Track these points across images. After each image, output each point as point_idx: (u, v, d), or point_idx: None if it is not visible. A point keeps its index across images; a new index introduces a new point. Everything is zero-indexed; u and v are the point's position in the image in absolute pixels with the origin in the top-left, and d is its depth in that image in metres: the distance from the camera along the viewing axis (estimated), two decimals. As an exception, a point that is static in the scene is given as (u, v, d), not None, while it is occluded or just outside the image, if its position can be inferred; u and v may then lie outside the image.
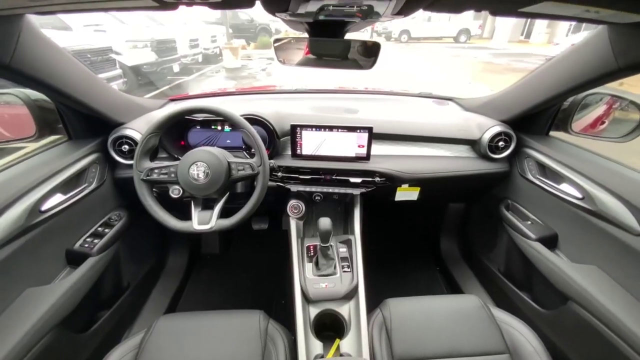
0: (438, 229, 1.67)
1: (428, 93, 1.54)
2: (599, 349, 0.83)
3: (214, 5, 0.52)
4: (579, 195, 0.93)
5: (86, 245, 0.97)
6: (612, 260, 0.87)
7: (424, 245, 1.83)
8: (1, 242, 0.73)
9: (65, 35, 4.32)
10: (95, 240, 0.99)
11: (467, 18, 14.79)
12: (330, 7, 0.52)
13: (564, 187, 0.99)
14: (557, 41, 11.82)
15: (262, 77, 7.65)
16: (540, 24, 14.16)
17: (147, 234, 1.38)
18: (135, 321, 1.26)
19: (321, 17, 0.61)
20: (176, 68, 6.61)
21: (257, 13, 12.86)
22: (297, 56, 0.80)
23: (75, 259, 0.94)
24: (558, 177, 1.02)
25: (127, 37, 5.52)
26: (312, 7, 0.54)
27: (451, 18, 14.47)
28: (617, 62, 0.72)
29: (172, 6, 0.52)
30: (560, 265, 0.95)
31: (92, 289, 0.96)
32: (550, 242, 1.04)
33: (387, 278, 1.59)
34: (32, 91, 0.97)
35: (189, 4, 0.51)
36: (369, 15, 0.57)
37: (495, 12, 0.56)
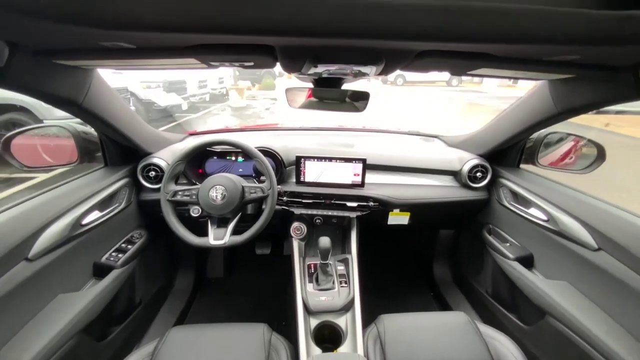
0: (431, 255, 1.78)
1: (416, 131, 1.75)
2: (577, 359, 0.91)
3: (246, 67, 0.71)
4: (545, 218, 1.08)
5: (111, 259, 1.09)
6: (578, 275, 0.99)
7: (418, 270, 1.92)
8: (49, 248, 0.86)
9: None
10: (120, 255, 1.11)
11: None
12: (331, 70, 0.71)
13: (532, 211, 1.14)
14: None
15: (265, 116, 8.10)
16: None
17: (159, 256, 1.49)
18: (146, 334, 1.33)
19: (324, 75, 0.80)
20: (184, 106, 7.05)
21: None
22: (303, 100, 0.99)
23: (100, 271, 1.06)
24: (527, 203, 1.17)
25: (142, 78, 5.99)
26: (318, 70, 0.73)
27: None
28: (557, 108, 0.92)
29: (215, 66, 0.71)
30: (536, 282, 1.07)
31: (112, 300, 1.06)
32: (527, 261, 1.16)
33: (383, 301, 1.66)
34: (77, 124, 1.16)
35: (228, 66, 0.71)
36: (358, 75, 0.77)
37: (452, 73, 0.76)
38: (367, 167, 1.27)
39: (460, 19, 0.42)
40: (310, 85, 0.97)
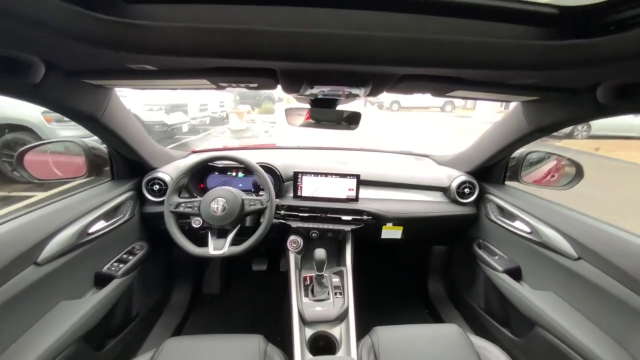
0: (425, 271, 1.81)
1: (408, 151, 1.84)
2: None
3: (250, 88, 0.80)
4: (528, 230, 1.14)
5: (112, 269, 1.12)
6: (562, 285, 1.03)
7: (412, 286, 1.94)
8: (57, 254, 0.90)
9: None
10: (121, 265, 1.15)
11: (451, 91, 16.53)
12: (325, 91, 0.80)
13: (517, 224, 1.20)
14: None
15: (264, 138, 8.29)
16: (516, 98, 15.79)
17: (157, 270, 1.52)
18: (141, 347, 1.32)
19: (320, 97, 0.89)
20: (185, 128, 7.23)
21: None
22: (301, 120, 1.08)
23: (101, 280, 1.09)
24: (512, 217, 1.23)
25: (145, 101, 6.19)
26: (314, 91, 0.83)
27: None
28: (530, 127, 1.01)
29: (223, 87, 0.80)
30: (524, 293, 1.11)
31: (111, 310, 1.08)
32: (516, 273, 1.20)
33: (377, 315, 1.67)
34: (88, 140, 1.23)
35: (235, 87, 0.79)
36: (350, 96, 0.86)
37: (433, 95, 0.86)
38: (361, 182, 1.35)
39: (432, 49, 0.51)
40: (308, 106, 1.07)
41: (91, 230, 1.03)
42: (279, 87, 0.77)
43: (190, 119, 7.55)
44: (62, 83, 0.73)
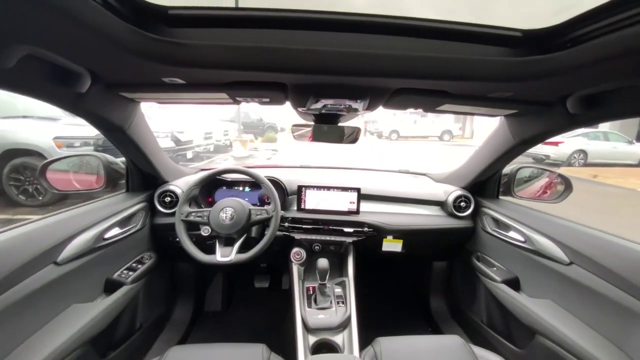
0: (427, 288, 1.82)
1: (406, 170, 1.93)
2: None
3: (263, 103, 0.91)
4: (522, 239, 1.19)
5: (122, 276, 1.16)
6: (558, 291, 1.06)
7: (414, 303, 1.93)
8: (75, 256, 0.95)
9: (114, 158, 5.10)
10: (130, 273, 1.18)
11: (449, 121, 17.07)
12: (328, 105, 0.91)
13: (512, 234, 1.25)
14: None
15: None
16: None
17: (162, 283, 1.54)
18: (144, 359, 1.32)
19: (323, 111, 1.00)
20: (189, 155, 7.43)
21: (266, 114, 14.95)
22: (306, 135, 1.18)
23: (111, 287, 1.12)
24: (507, 227, 1.29)
25: (152, 129, 6.43)
26: (319, 105, 0.93)
27: (435, 121, 16.72)
28: (514, 140, 1.10)
29: (239, 102, 0.90)
30: (523, 301, 1.13)
31: (117, 317, 1.11)
32: (514, 283, 1.23)
33: (380, 331, 1.65)
34: (107, 155, 1.33)
35: (249, 101, 0.90)
36: (350, 110, 0.96)
37: (425, 110, 0.96)
38: (362, 197, 1.41)
39: (420, 64, 0.61)
40: (311, 123, 1.17)
41: (106, 235, 1.09)
42: (288, 103, 0.87)
43: (195, 145, 7.78)
44: (101, 95, 0.84)
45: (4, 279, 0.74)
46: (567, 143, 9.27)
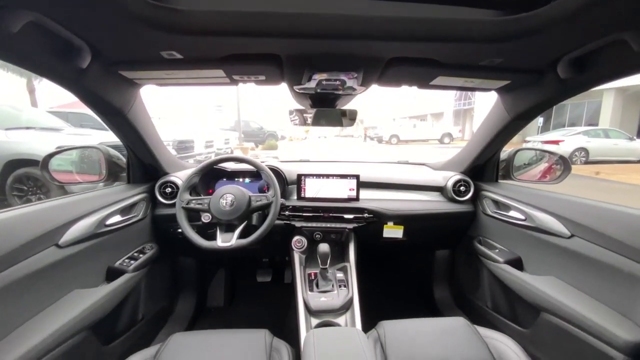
0: (430, 278, 1.80)
1: (405, 161, 1.93)
2: (576, 350, 0.92)
3: (259, 83, 0.92)
4: (523, 217, 1.19)
5: (124, 264, 1.16)
6: (561, 266, 1.05)
7: (417, 294, 1.91)
8: (77, 239, 0.96)
9: (107, 134, 5.16)
10: (132, 262, 1.19)
11: (448, 124, 17.16)
12: (323, 82, 0.92)
13: (512, 213, 1.25)
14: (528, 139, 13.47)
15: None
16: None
17: (164, 275, 1.54)
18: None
19: (319, 90, 1.01)
20: (190, 162, 7.50)
21: (266, 122, 15.11)
22: (303, 121, 1.19)
23: (113, 275, 1.12)
24: (507, 207, 1.28)
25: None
26: (313, 84, 0.94)
27: (434, 124, 16.80)
28: (509, 115, 1.11)
29: (236, 82, 0.92)
30: (526, 279, 1.12)
31: (119, 305, 1.11)
32: (517, 263, 1.22)
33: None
34: (110, 148, 1.35)
35: (245, 82, 0.92)
36: (346, 88, 0.97)
37: (419, 87, 0.97)
38: (362, 184, 1.42)
39: (410, 26, 0.63)
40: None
41: (108, 222, 1.09)
42: (284, 85, 0.89)
43: (196, 154, 7.84)
44: (101, 74, 0.85)
45: (3, 256, 0.75)
46: (567, 142, 9.28)
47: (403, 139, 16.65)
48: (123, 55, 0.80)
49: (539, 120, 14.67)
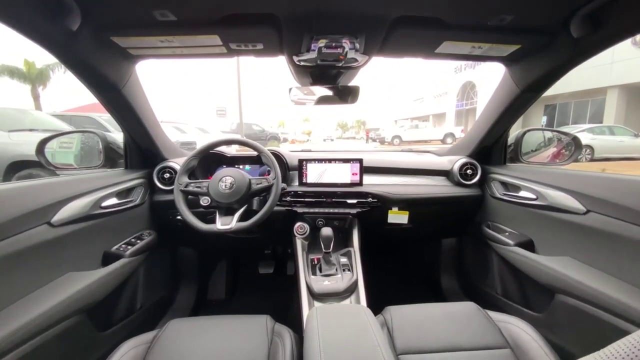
0: (437, 268, 1.75)
1: (409, 149, 1.89)
2: (595, 331, 0.87)
3: (258, 53, 0.89)
4: (534, 197, 1.14)
5: (121, 249, 1.13)
6: (575, 244, 1.00)
7: (424, 284, 1.86)
8: (70, 219, 0.92)
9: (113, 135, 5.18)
10: (129, 247, 1.15)
11: (450, 125, 17.09)
12: (323, 50, 0.88)
13: (522, 193, 1.20)
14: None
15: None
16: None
17: (163, 265, 1.50)
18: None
19: (319, 62, 0.97)
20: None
21: (268, 125, 15.17)
22: (306, 97, 1.16)
23: (109, 260, 1.08)
24: (516, 188, 1.24)
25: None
26: (312, 55, 0.91)
27: (435, 125, 16.75)
28: (519, 87, 1.07)
29: (234, 53, 0.89)
30: (540, 261, 1.07)
31: (116, 290, 1.07)
32: (528, 245, 1.17)
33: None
34: (107, 133, 1.32)
35: (243, 53, 0.88)
36: (348, 60, 0.94)
37: (424, 57, 0.93)
38: (365, 170, 1.38)
39: None
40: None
41: (104, 204, 1.06)
42: (283, 58, 0.85)
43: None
44: (93, 39, 0.82)
45: None
46: (572, 140, 9.18)
47: (405, 140, 16.61)
48: (114, 14, 0.77)
49: (542, 119, 14.59)
